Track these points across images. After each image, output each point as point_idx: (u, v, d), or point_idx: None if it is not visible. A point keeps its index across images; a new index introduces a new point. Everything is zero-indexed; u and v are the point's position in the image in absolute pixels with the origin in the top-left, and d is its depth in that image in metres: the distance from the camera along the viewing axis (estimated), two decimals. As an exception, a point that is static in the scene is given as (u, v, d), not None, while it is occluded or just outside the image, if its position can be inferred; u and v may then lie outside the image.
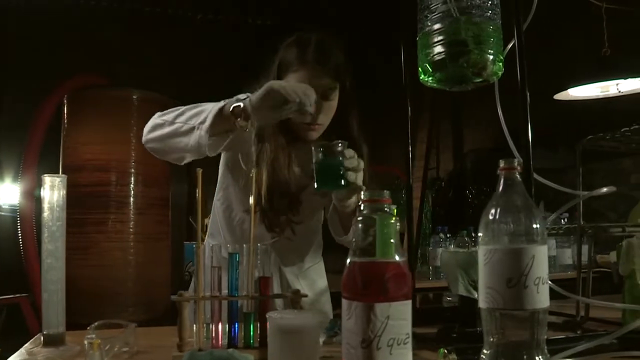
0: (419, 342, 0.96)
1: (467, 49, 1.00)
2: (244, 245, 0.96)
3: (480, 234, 0.72)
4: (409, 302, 0.69)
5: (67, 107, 3.07)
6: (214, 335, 0.93)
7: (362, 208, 0.72)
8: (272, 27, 4.33)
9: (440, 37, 1.03)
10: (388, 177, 4.13)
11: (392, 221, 0.72)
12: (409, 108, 1.29)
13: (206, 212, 1.51)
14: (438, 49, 1.03)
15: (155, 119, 1.28)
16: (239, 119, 1.14)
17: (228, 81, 1.49)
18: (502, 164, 0.73)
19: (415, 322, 1.12)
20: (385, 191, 0.72)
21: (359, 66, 1.52)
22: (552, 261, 2.59)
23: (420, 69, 1.07)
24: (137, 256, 2.98)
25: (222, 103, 1.17)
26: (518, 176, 0.73)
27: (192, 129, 1.17)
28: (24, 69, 3.63)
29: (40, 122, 3.25)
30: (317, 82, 1.26)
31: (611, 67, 2.18)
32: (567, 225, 1.27)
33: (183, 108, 1.24)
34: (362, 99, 1.31)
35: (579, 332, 1.02)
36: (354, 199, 1.20)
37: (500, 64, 1.04)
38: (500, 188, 0.73)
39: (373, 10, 3.59)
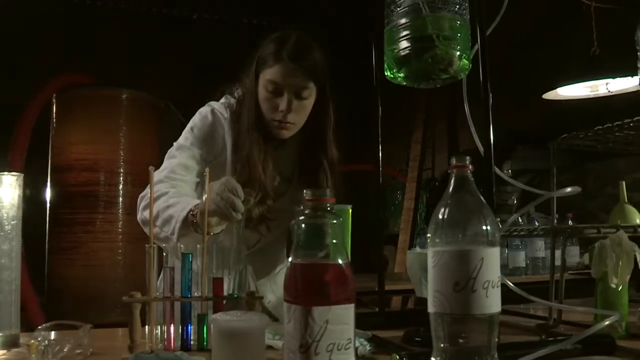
0: (380, 347, 0.93)
1: (432, 44, 0.97)
2: (198, 245, 0.93)
3: (429, 235, 0.69)
4: (351, 305, 0.66)
5: (55, 106, 3.06)
6: (166, 337, 0.91)
7: (303, 207, 0.69)
8: (267, 28, 4.30)
9: (405, 32, 1.00)
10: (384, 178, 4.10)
11: (335, 221, 0.69)
12: (380, 108, 1.26)
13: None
14: (403, 44, 1.00)
15: (141, 212, 1.28)
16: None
17: (218, 81, 1.48)
18: (453, 161, 0.70)
19: (386, 326, 1.10)
20: (327, 190, 0.69)
21: (356, 66, 1.50)
22: (542, 262, 2.56)
23: (385, 65, 1.04)
24: (125, 257, 2.96)
25: (186, 210, 1.15)
26: (470, 175, 0.70)
27: (166, 238, 1.18)
28: (9, 68, 3.60)
29: (26, 122, 3.24)
30: (290, 79, 1.27)
31: (600, 67, 2.15)
32: (542, 227, 1.23)
33: (157, 206, 1.21)
34: (359, 99, 1.31)
35: (543, 336, 0.99)
36: None
37: (467, 60, 1.01)
38: (451, 187, 0.70)
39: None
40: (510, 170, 3.30)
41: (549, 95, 2.31)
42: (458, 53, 0.99)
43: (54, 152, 3.05)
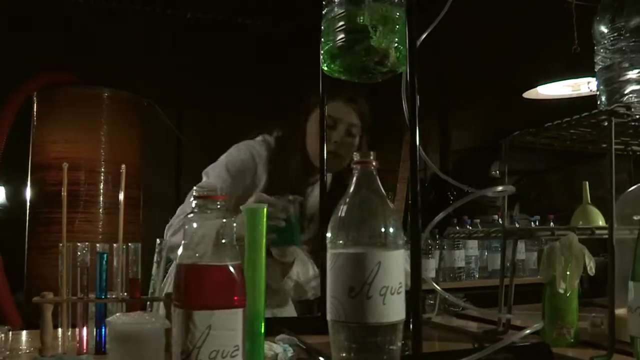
0: (308, 353, 0.89)
1: (365, 35, 0.93)
2: (114, 244, 0.89)
3: (327, 235, 0.65)
4: (239, 310, 0.62)
5: (36, 104, 3.03)
6: (78, 339, 0.87)
7: (192, 204, 0.65)
8: (251, 26, 4.27)
9: (341, 23, 0.96)
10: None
11: (225, 220, 0.64)
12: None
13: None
14: (338, 35, 0.95)
15: (170, 238, 1.34)
16: None
17: (202, 81, 1.50)
18: (356, 157, 0.66)
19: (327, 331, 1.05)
20: (221, 187, 0.65)
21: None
22: (522, 265, 2.49)
23: (322, 57, 0.99)
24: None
25: None
26: (374, 172, 0.65)
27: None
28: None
29: (4, 120, 3.21)
30: (345, 115, 1.43)
31: (581, 65, 2.09)
32: (494, 229, 1.18)
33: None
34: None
35: (476, 344, 0.94)
36: None
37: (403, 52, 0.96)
38: (353, 185, 0.65)
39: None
40: (498, 172, 3.24)
41: (530, 94, 2.25)
42: (395, 45, 0.94)
43: (34, 150, 3.02)
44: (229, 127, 2.62)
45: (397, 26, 0.94)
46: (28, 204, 3.04)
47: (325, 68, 1.00)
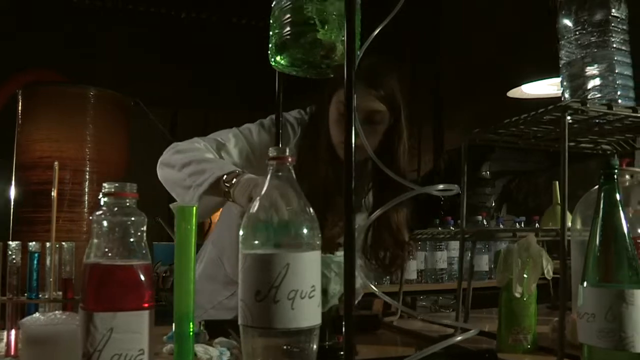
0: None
1: (312, 28, 0.89)
2: (47, 243, 0.86)
3: (240, 234, 0.61)
4: (144, 312, 0.58)
5: (21, 103, 3.01)
6: (6, 341, 0.84)
7: (101, 202, 0.62)
8: (249, 27, 4.24)
9: (287, 15, 0.92)
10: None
11: (133, 219, 0.61)
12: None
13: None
14: (283, 28, 0.92)
15: (171, 155, 1.23)
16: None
17: (196, 80, 1.44)
18: (271, 153, 0.62)
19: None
20: (131, 184, 0.62)
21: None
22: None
23: (269, 51, 0.96)
24: (89, 256, 2.90)
25: (225, 169, 1.10)
26: (290, 169, 0.62)
27: (189, 187, 1.13)
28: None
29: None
30: (363, 102, 1.22)
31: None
32: (455, 230, 1.14)
33: (193, 156, 1.18)
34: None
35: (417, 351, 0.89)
36: None
37: (355, 47, 0.92)
38: (267, 182, 0.61)
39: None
40: (488, 172, 3.19)
41: (513, 93, 2.20)
42: (342, 39, 0.90)
43: (19, 149, 3.00)
44: (224, 127, 2.59)
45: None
46: (12, 203, 3.02)
47: (273, 62, 0.96)
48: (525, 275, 0.96)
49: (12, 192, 3.02)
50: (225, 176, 1.07)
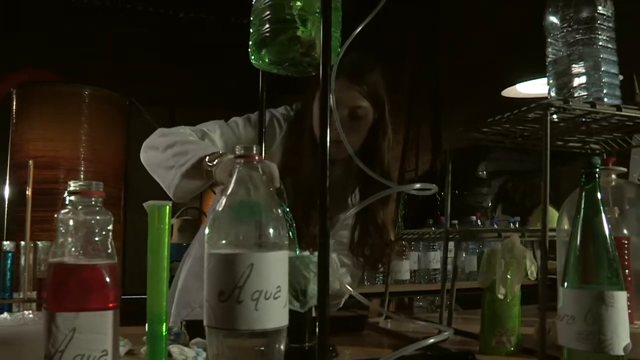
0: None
1: (291, 26, 0.88)
2: (22, 242, 0.85)
3: (206, 232, 0.60)
4: (108, 312, 0.58)
5: (15, 102, 3.01)
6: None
7: (66, 201, 0.61)
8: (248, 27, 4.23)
9: (267, 12, 0.91)
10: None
11: (99, 218, 0.60)
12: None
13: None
14: (263, 25, 0.91)
15: (156, 138, 1.22)
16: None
17: (194, 80, 1.43)
18: (238, 150, 0.61)
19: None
20: (97, 183, 0.61)
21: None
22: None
23: (249, 48, 0.95)
24: (84, 256, 2.90)
25: (208, 151, 1.10)
26: (258, 166, 0.61)
27: (171, 167, 1.13)
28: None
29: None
30: (345, 96, 1.23)
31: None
32: (439, 230, 1.13)
33: (177, 138, 1.18)
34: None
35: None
36: None
37: (336, 44, 0.91)
38: (233, 180, 0.60)
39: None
40: (485, 172, 3.17)
41: (508, 92, 2.19)
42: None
43: (13, 148, 3.00)
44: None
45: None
46: (6, 202, 3.02)
47: (253, 60, 0.95)
48: (508, 276, 0.95)
49: (6, 192, 3.01)
50: (207, 157, 1.08)
